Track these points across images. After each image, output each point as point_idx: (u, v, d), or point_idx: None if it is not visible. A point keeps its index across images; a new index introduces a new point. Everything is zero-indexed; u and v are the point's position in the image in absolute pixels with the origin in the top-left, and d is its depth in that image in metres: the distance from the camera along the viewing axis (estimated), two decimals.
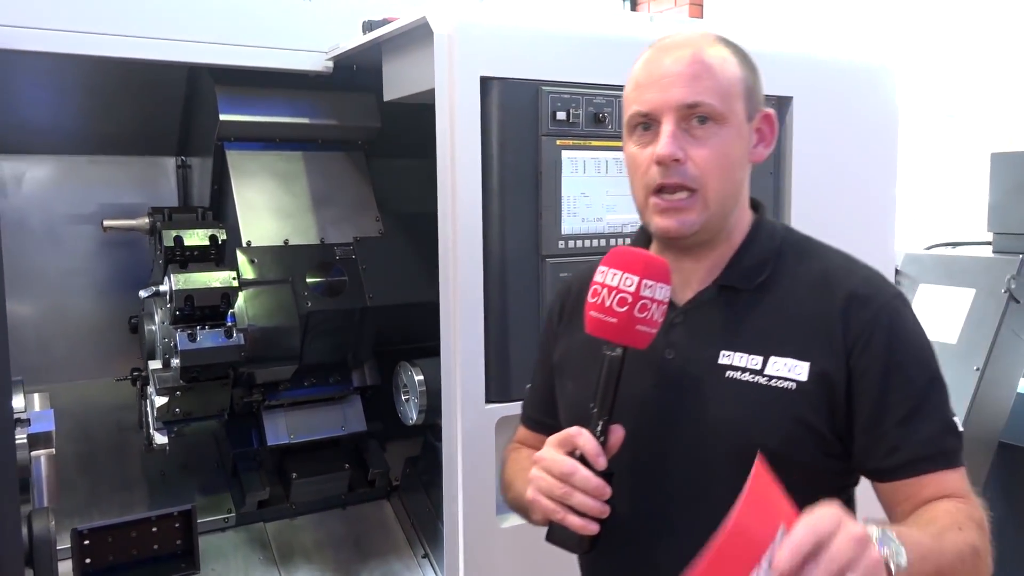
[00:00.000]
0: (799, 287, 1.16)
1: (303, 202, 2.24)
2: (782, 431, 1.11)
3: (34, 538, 1.39)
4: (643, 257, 1.09)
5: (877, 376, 1.09)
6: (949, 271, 2.81)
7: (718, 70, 1.13)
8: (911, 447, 1.09)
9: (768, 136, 1.20)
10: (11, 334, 2.28)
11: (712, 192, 1.13)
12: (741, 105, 1.14)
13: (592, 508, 1.06)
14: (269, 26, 2.04)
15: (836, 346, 1.11)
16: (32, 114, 2.29)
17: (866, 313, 1.11)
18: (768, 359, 1.12)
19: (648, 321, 1.08)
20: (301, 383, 2.28)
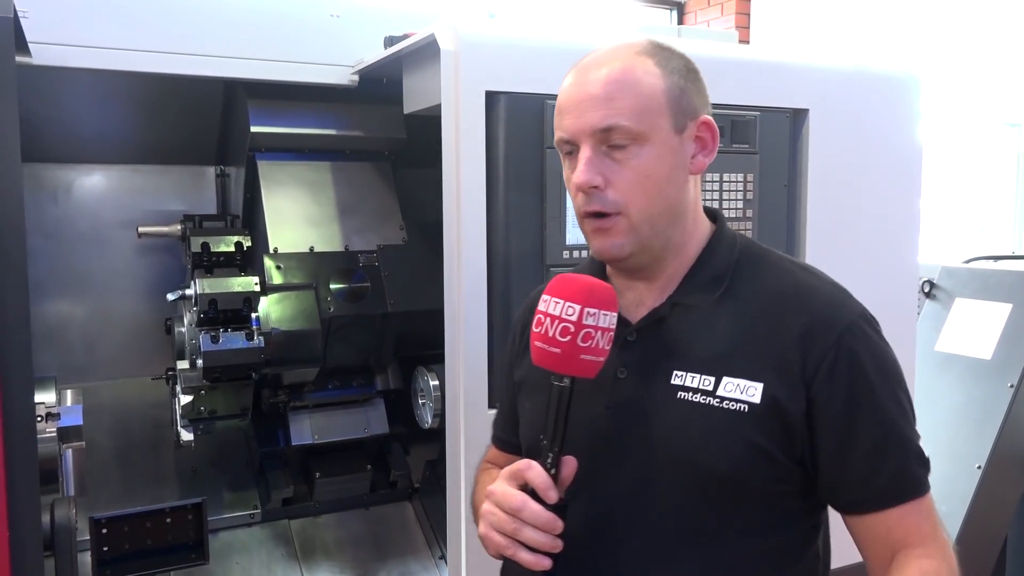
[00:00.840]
0: (755, 304, 1.11)
1: (329, 211, 2.32)
2: (733, 455, 1.06)
3: (55, 525, 1.48)
4: (584, 284, 1.05)
5: (841, 406, 1.05)
6: (986, 285, 2.75)
7: (634, 87, 1.08)
8: (880, 479, 1.06)
9: (710, 144, 1.14)
10: (58, 333, 2.47)
11: (636, 214, 1.09)
12: (665, 119, 1.09)
13: (542, 543, 1.03)
14: (298, 42, 2.13)
15: (794, 372, 1.06)
16: (80, 126, 2.42)
17: (827, 338, 1.06)
18: (721, 380, 1.08)
19: (593, 350, 1.03)
20: (325, 385, 2.36)
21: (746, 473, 1.07)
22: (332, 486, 2.38)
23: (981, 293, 2.75)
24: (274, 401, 2.32)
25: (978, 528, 2.49)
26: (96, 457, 2.31)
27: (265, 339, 2.08)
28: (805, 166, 2.04)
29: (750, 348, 1.08)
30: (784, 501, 1.10)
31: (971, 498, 2.48)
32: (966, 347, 2.70)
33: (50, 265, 2.46)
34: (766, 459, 1.06)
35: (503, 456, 1.35)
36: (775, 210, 2.00)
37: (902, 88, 2.18)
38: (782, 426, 1.06)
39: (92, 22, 1.93)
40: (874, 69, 2.16)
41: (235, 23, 2.08)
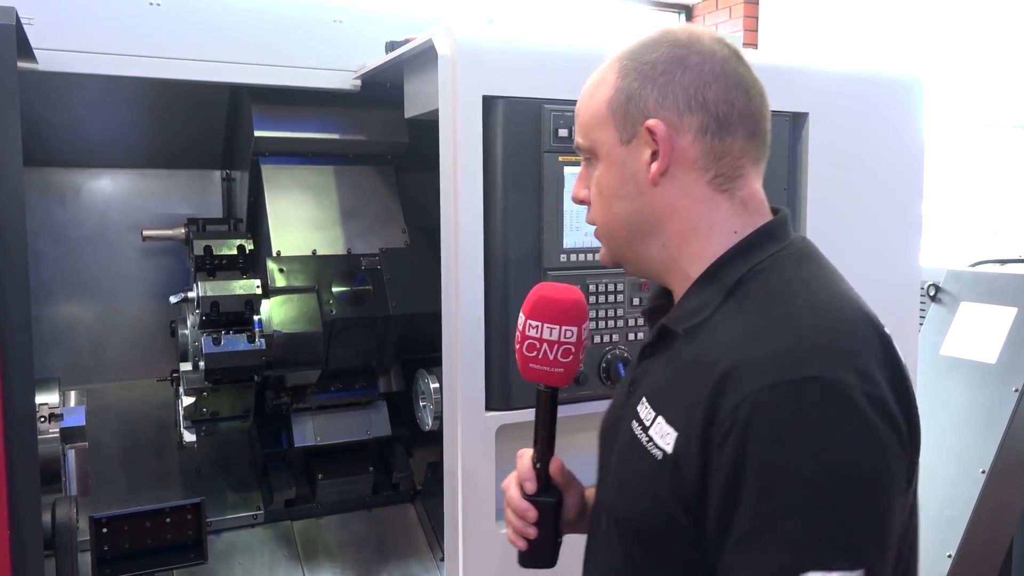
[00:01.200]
0: (711, 342, 0.96)
1: (332, 214, 2.34)
2: (638, 504, 0.99)
3: (56, 524, 1.50)
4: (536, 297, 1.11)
5: (724, 481, 0.87)
6: (991, 289, 2.73)
7: (585, 103, 1.08)
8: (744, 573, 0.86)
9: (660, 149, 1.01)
10: (65, 335, 2.50)
11: (600, 226, 1.11)
12: (609, 131, 1.04)
13: (515, 525, 1.15)
14: (301, 47, 2.15)
15: (696, 427, 0.91)
16: (88, 131, 2.45)
17: (732, 399, 0.88)
18: (657, 418, 0.99)
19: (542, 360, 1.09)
20: (328, 388, 2.38)
21: (649, 527, 0.97)
22: (334, 488, 2.40)
23: (986, 297, 2.74)
24: (277, 403, 2.34)
25: (983, 533, 2.48)
26: (102, 458, 2.34)
27: (267, 341, 2.10)
28: (805, 170, 2.04)
29: (685, 390, 0.95)
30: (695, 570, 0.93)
31: (975, 503, 2.47)
32: (971, 351, 2.69)
33: (58, 268, 2.50)
34: (666, 517, 0.94)
35: None
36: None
37: (903, 91, 2.18)
38: (683, 483, 0.92)
39: (98, 28, 1.95)
40: (875, 72, 2.16)
41: (240, 29, 2.10)
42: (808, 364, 0.87)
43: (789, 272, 1.00)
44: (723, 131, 1.01)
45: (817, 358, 0.87)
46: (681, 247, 1.04)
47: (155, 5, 2.01)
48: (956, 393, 2.63)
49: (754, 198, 1.06)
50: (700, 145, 1.01)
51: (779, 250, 1.02)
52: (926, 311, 2.88)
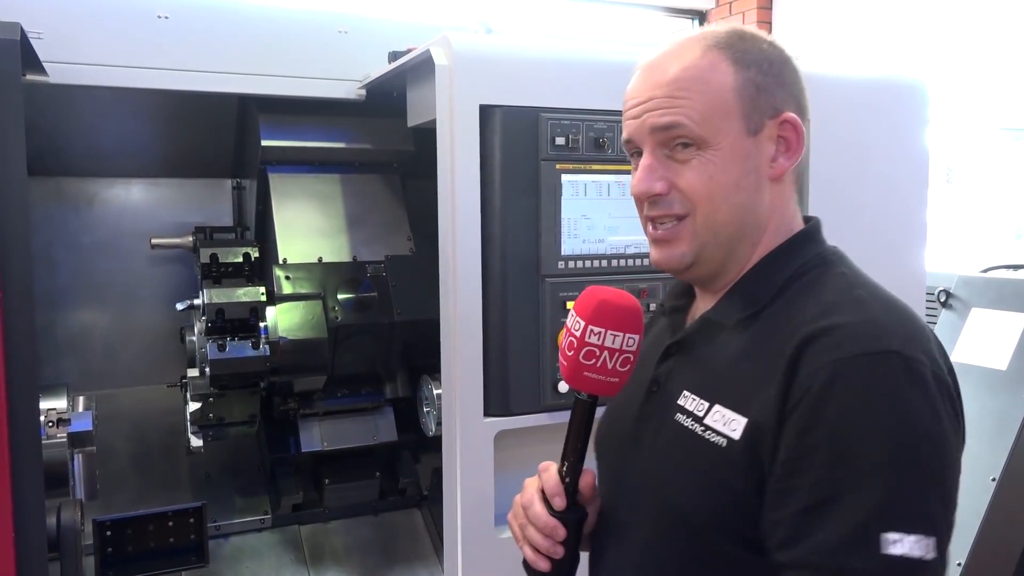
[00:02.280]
0: (778, 329, 0.97)
1: (338, 222, 2.36)
2: (700, 494, 0.97)
3: (61, 527, 1.53)
4: (597, 299, 1.01)
5: (793, 444, 0.88)
6: (1002, 295, 2.70)
7: (699, 84, 1.00)
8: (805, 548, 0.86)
9: (794, 144, 1.02)
10: (78, 341, 2.54)
11: (702, 220, 1.01)
12: (735, 121, 1.00)
13: (540, 545, 1.05)
14: (307, 58, 2.18)
15: (771, 406, 0.91)
16: (101, 141, 2.50)
17: (810, 367, 0.89)
18: (712, 407, 0.98)
19: (599, 370, 1.00)
20: (335, 393, 2.40)
21: (711, 515, 0.95)
22: (341, 493, 2.42)
23: (997, 303, 2.71)
24: (284, 408, 2.36)
25: (993, 543, 2.45)
26: (113, 462, 2.38)
27: (273, 348, 2.13)
28: (806, 175, 2.03)
29: (747, 376, 0.96)
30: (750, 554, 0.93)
31: (985, 511, 2.44)
32: (982, 357, 2.66)
33: (71, 276, 2.54)
34: (739, 504, 0.93)
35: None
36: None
37: (907, 94, 2.17)
38: (758, 468, 0.92)
39: (107, 41, 2.00)
40: (877, 77, 2.15)
41: (247, 41, 2.13)
42: (887, 339, 0.90)
43: (841, 268, 1.03)
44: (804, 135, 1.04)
45: (895, 335, 0.90)
46: (767, 244, 1.04)
47: (163, 18, 2.05)
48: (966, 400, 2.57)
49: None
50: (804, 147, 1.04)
51: (823, 251, 1.05)
52: (936, 317, 2.85)
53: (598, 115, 1.78)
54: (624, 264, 1.83)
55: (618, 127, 1.79)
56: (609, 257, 1.82)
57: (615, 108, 1.78)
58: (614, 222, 1.82)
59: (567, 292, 1.77)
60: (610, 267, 1.82)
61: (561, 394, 1.77)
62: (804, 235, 1.05)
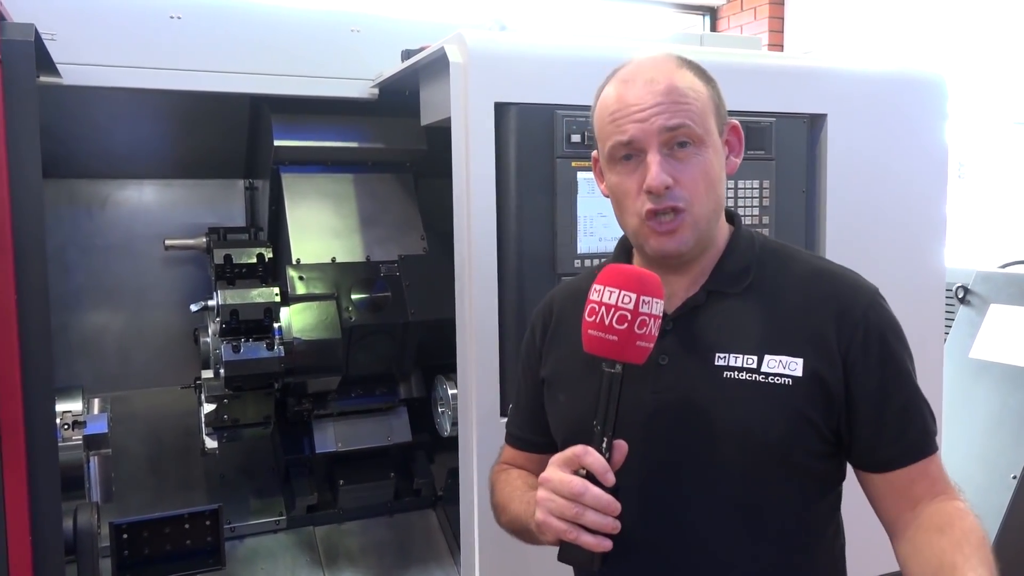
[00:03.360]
0: (785, 289, 1.22)
1: (351, 222, 2.35)
2: (782, 424, 1.16)
3: (78, 530, 1.53)
4: (638, 274, 1.12)
5: (875, 370, 1.16)
6: (1022, 290, 2.67)
7: (690, 93, 1.17)
8: (910, 435, 1.18)
9: (736, 147, 1.26)
10: (92, 344, 2.54)
11: (699, 210, 1.18)
12: (713, 123, 1.20)
13: (605, 525, 1.09)
14: (320, 58, 2.17)
15: (831, 346, 1.17)
16: (113, 143, 2.50)
17: (855, 314, 1.18)
18: (763, 358, 1.17)
19: (647, 337, 1.11)
20: (349, 394, 2.40)
21: (793, 441, 1.16)
22: (356, 493, 2.42)
23: (1017, 298, 2.68)
24: (299, 409, 2.36)
25: (1014, 540, 2.42)
26: (128, 464, 2.38)
27: (287, 349, 2.12)
28: (824, 171, 2.01)
29: (787, 328, 1.18)
30: (821, 470, 1.20)
31: (1006, 509, 2.41)
32: (1001, 354, 2.63)
33: (85, 278, 2.55)
34: (811, 427, 1.16)
35: (522, 455, 1.41)
36: (793, 216, 1.98)
37: (926, 89, 2.14)
38: (824, 395, 1.15)
39: (120, 43, 1.99)
40: (896, 71, 2.13)
41: (259, 41, 2.12)
42: (869, 283, 1.23)
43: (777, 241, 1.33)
44: None
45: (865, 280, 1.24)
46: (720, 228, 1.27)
47: (176, 19, 2.04)
48: (986, 397, 2.57)
49: None
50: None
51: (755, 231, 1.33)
52: (955, 313, 2.82)
53: None
54: None
55: None
56: None
57: None
58: None
59: None
60: None
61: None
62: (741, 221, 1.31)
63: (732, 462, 1.17)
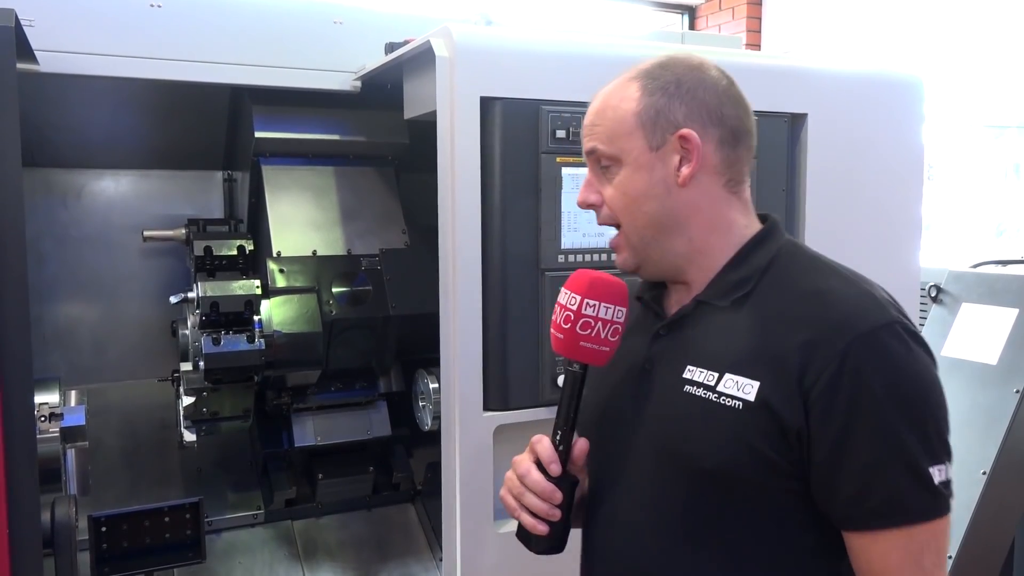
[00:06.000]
0: (773, 306, 1.13)
1: (332, 215, 2.34)
2: (723, 451, 1.08)
3: (55, 523, 1.51)
4: (589, 277, 1.16)
5: (839, 415, 1.03)
6: (993, 290, 2.73)
7: (610, 114, 1.18)
8: (872, 500, 1.02)
9: (691, 154, 1.15)
10: (67, 335, 2.51)
11: (627, 228, 1.19)
12: (638, 140, 1.15)
13: (540, 509, 1.17)
14: (302, 49, 2.15)
15: (790, 376, 1.05)
16: (90, 132, 2.46)
17: (833, 347, 1.04)
18: (723, 376, 1.11)
19: (594, 339, 1.14)
20: (328, 388, 2.38)
21: (734, 469, 1.08)
22: (335, 488, 2.41)
23: (988, 298, 2.73)
24: (277, 403, 2.34)
25: (983, 535, 2.47)
26: (103, 457, 2.35)
27: (267, 342, 2.11)
28: (804, 170, 2.04)
29: (754, 347, 1.10)
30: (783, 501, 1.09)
31: (976, 504, 2.46)
32: (972, 352, 2.68)
33: (60, 269, 2.51)
34: (756, 457, 1.07)
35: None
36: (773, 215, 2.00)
37: (904, 91, 2.18)
38: (775, 427, 1.06)
39: (99, 30, 1.96)
40: (875, 72, 2.16)
41: (241, 31, 2.10)
42: (887, 311, 1.08)
43: (810, 252, 1.22)
44: (735, 142, 1.18)
45: (889, 307, 1.09)
46: (705, 239, 1.18)
47: (156, 7, 2.01)
48: (957, 394, 2.62)
49: (749, 200, 1.24)
50: (719, 153, 1.17)
51: (788, 240, 1.23)
52: (927, 312, 2.87)
53: None
54: None
55: None
56: (609, 251, 1.80)
57: None
58: None
59: None
60: (610, 261, 1.79)
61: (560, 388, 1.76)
62: (772, 228, 1.21)
63: (675, 482, 1.14)
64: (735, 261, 1.18)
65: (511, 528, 1.80)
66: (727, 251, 1.19)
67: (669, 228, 1.17)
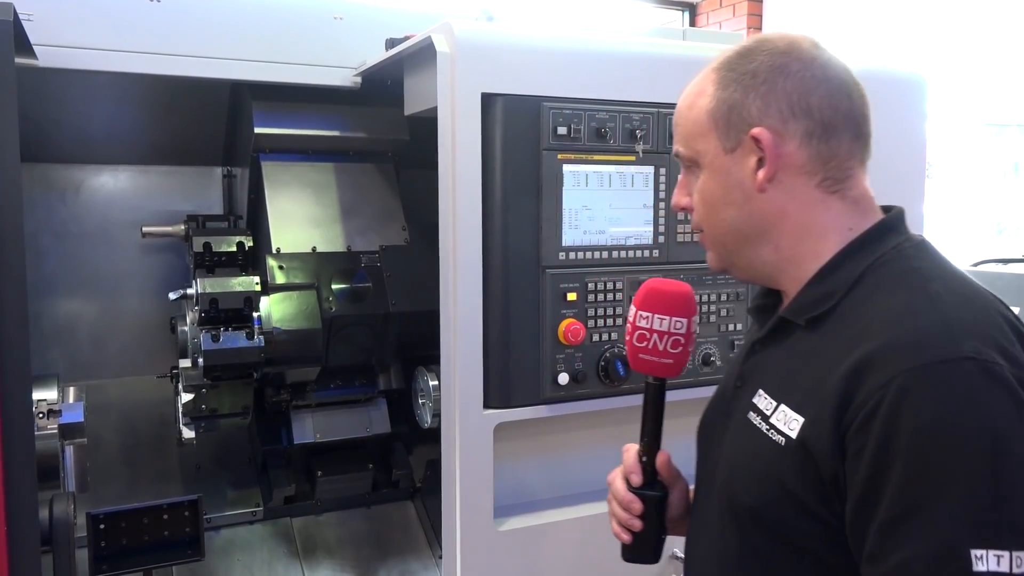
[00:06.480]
0: (846, 329, 0.97)
1: (332, 211, 2.33)
2: (760, 489, 0.99)
3: (53, 521, 1.50)
4: (646, 288, 1.13)
5: (868, 457, 0.87)
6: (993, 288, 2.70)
7: (685, 113, 1.10)
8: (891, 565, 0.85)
9: (766, 155, 1.02)
10: (66, 331, 2.50)
11: (708, 232, 1.11)
12: (712, 141, 1.06)
13: (620, 517, 1.18)
14: (302, 44, 2.14)
15: (827, 410, 0.92)
16: (89, 127, 2.45)
17: (879, 378, 0.88)
18: (779, 406, 1.00)
19: (651, 351, 1.12)
20: (328, 385, 2.38)
21: (772, 512, 0.98)
22: (334, 485, 2.41)
23: None
24: (277, 400, 2.34)
25: None
26: (102, 454, 2.34)
27: (266, 338, 2.10)
28: None
29: (810, 377, 0.97)
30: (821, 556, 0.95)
31: None
32: None
33: (58, 264, 2.50)
34: (793, 501, 0.95)
35: None
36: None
37: (905, 88, 2.17)
38: (811, 468, 0.93)
39: (98, 25, 1.95)
40: (877, 69, 2.14)
41: (240, 26, 2.09)
42: (960, 344, 0.87)
43: (916, 262, 1.00)
44: (829, 135, 1.03)
45: (967, 339, 0.88)
46: (794, 247, 1.05)
47: (156, 1, 2.00)
48: None
49: (865, 197, 1.07)
50: (806, 150, 1.02)
51: (900, 243, 1.03)
52: None
53: (600, 105, 1.76)
54: (625, 255, 1.82)
55: (620, 117, 1.79)
56: (610, 248, 1.80)
57: (617, 98, 1.78)
58: (615, 213, 1.81)
59: (567, 283, 1.76)
60: (611, 259, 1.80)
61: (561, 386, 1.76)
62: (877, 232, 1.04)
63: (721, 511, 1.07)
64: (821, 273, 1.04)
65: (511, 526, 1.82)
66: (818, 260, 1.04)
67: (751, 236, 1.07)
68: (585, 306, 1.78)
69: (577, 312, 1.77)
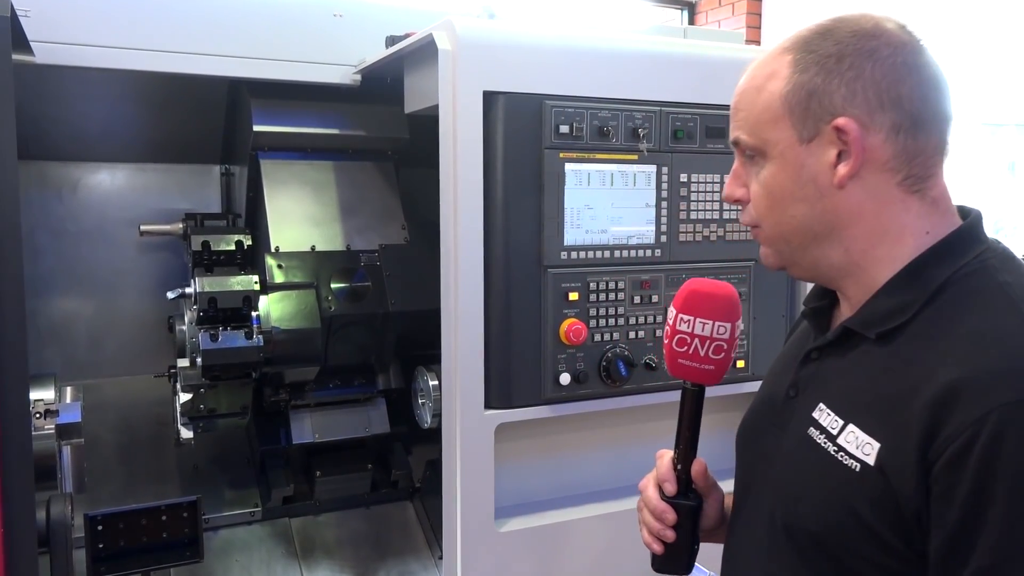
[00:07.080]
0: (924, 347, 0.89)
1: (331, 210, 2.32)
2: (828, 516, 0.92)
3: (51, 522, 1.49)
4: (688, 289, 1.05)
5: (963, 503, 0.80)
6: None
7: (753, 96, 0.99)
8: None
9: (851, 148, 0.93)
10: (62, 330, 2.49)
11: (767, 229, 1.01)
12: (784, 130, 0.95)
13: (652, 527, 1.11)
14: (301, 42, 2.13)
15: (909, 441, 0.84)
16: (86, 124, 2.43)
17: (972, 410, 0.80)
18: (847, 426, 0.93)
19: (691, 356, 1.04)
20: (327, 384, 2.37)
21: (841, 541, 0.91)
22: (333, 485, 2.39)
23: None
24: (275, 400, 2.32)
25: None
26: (99, 454, 2.33)
27: (265, 338, 2.09)
28: None
29: (887, 397, 0.89)
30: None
31: None
32: None
33: (55, 263, 2.49)
34: (866, 532, 0.88)
35: None
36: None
37: None
38: (889, 499, 0.86)
39: (96, 21, 1.94)
40: None
41: (239, 23, 2.08)
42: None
43: (1004, 276, 0.92)
44: (917, 130, 0.94)
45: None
46: (867, 251, 0.97)
47: None
48: None
49: (944, 197, 0.98)
50: (892, 145, 0.93)
51: (983, 251, 0.95)
52: None
53: (602, 103, 1.75)
54: (627, 255, 1.81)
55: (622, 115, 1.78)
56: (612, 248, 1.79)
57: (619, 96, 1.77)
58: (617, 212, 1.79)
59: (569, 283, 1.75)
60: (613, 258, 1.79)
61: (563, 386, 1.75)
62: (958, 238, 0.96)
63: (773, 532, 1.00)
64: (895, 281, 0.95)
65: (512, 527, 1.81)
66: (892, 266, 0.95)
67: (821, 236, 0.97)
68: (587, 306, 1.76)
69: (579, 312, 1.76)
